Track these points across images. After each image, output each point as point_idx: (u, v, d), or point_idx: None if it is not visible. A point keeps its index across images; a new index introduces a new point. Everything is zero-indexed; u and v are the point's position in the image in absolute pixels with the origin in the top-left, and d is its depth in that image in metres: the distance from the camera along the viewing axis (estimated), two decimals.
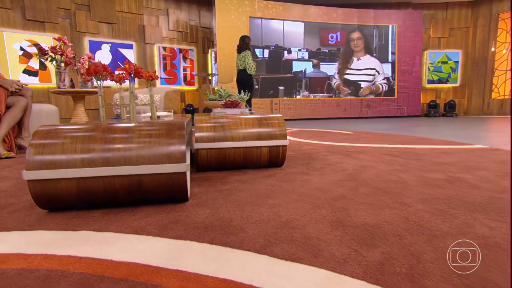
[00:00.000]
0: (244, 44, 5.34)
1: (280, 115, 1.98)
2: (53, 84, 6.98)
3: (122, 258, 0.81)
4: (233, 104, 2.31)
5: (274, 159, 1.92)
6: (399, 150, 2.59)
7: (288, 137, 3.30)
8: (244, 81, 5.51)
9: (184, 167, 1.14)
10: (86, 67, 4.49)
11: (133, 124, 1.22)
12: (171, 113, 2.25)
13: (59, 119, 3.61)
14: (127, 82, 1.63)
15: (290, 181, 1.59)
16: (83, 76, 1.20)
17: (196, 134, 1.79)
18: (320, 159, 2.24)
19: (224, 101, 2.36)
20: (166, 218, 1.09)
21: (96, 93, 4.39)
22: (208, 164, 1.83)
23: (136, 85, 8.14)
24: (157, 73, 8.22)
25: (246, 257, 0.81)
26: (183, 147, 1.16)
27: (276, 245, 0.87)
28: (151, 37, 8.10)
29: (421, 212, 1.10)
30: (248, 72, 5.35)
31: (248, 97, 5.68)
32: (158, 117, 1.93)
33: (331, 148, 2.84)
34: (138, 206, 1.23)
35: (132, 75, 1.26)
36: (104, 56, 7.59)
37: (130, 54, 7.85)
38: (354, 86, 9.59)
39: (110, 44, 7.63)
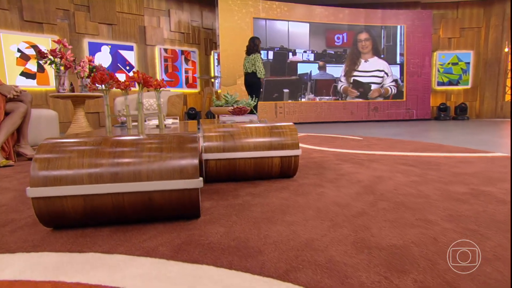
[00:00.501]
0: (254, 46, 5.34)
1: (291, 123, 1.95)
2: (51, 86, 6.99)
3: (136, 287, 0.78)
4: (241, 111, 2.28)
5: (286, 170, 1.88)
6: (414, 159, 2.55)
7: None
8: (252, 84, 5.51)
9: (197, 183, 1.11)
10: (87, 70, 4.49)
11: (142, 137, 1.19)
12: (177, 120, 2.23)
13: (58, 124, 3.60)
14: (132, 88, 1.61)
15: (304, 195, 1.56)
16: (89, 85, 1.18)
17: (205, 144, 1.76)
18: (332, 169, 2.21)
19: (232, 107, 2.33)
20: (178, 237, 1.06)
21: (97, 97, 4.38)
22: (217, 175, 1.80)
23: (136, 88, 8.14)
24: (158, 76, 8.23)
25: (270, 285, 0.78)
26: (196, 161, 1.13)
27: (299, 271, 0.84)
28: (152, 38, 8.12)
29: (450, 232, 1.07)
30: (258, 75, 5.34)
31: (255, 103, 5.68)
32: (165, 125, 1.90)
33: (342, 156, 2.80)
34: (147, 223, 1.20)
35: (140, 84, 1.24)
36: (104, 58, 7.60)
37: (131, 56, 7.86)
38: (364, 88, 9.55)
39: (110, 46, 7.64)
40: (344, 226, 1.14)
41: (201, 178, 1.12)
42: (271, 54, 8.66)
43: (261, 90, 8.19)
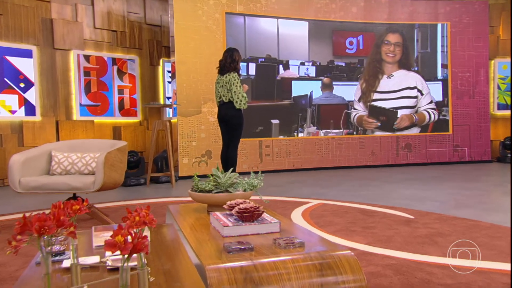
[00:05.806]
0: (231, 62, 5.35)
1: (349, 252, 1.73)
2: None
3: None
4: (252, 216, 2.05)
5: None
6: None
7: (303, 224, 2.79)
8: (228, 118, 5.43)
9: None
10: None
11: None
12: (148, 234, 1.91)
13: None
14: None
15: None
16: (12, 244, 0.94)
17: None
18: None
19: (236, 208, 2.10)
20: None
21: None
22: None
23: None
24: (74, 99, 7.89)
25: None
26: None
27: None
28: (65, 38, 7.89)
29: None
30: (237, 106, 5.25)
31: (235, 148, 5.51)
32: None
33: (408, 273, 2.60)
34: None
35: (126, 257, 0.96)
36: None
37: (28, 66, 7.56)
38: (387, 116, 9.61)
39: None
40: None
41: None
42: (252, 68, 8.66)
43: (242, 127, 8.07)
